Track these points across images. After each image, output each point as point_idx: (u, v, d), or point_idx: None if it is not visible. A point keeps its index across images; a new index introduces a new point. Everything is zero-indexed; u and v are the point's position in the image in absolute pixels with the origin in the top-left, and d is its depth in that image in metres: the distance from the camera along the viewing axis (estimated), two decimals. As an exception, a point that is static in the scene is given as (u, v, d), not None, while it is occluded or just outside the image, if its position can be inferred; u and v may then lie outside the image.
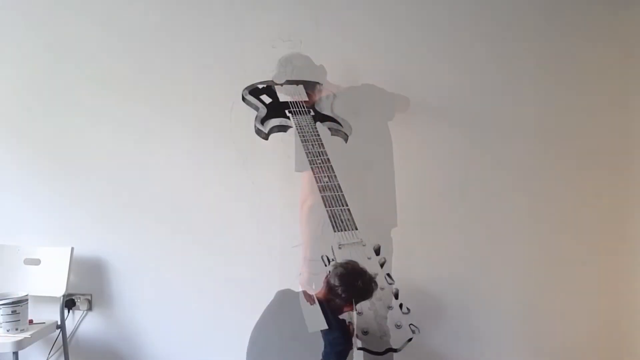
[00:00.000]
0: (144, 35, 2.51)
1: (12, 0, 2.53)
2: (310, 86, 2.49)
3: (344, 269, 2.13)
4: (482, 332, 2.46)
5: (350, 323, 2.23)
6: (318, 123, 2.48)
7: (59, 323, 2.40)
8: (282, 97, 2.49)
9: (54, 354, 2.45)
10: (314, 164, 2.46)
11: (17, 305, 2.22)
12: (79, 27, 2.52)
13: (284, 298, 2.17)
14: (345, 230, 2.44)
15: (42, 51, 2.53)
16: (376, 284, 2.21)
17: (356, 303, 2.18)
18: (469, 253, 2.47)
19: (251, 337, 2.09)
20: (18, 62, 2.54)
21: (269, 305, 2.15)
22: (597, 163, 2.48)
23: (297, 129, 2.48)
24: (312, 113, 2.49)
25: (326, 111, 2.49)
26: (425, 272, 2.46)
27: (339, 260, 2.19)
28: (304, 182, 2.30)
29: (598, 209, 2.48)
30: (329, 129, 2.48)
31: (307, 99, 2.48)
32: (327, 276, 2.15)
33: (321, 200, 2.27)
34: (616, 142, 2.48)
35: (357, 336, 2.24)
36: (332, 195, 2.46)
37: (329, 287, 2.13)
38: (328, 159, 2.47)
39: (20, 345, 2.15)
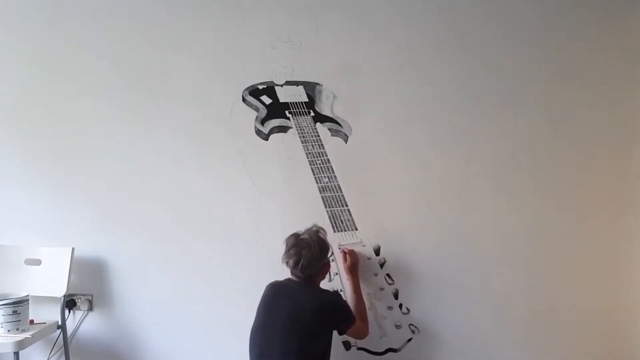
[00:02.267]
0: (145, 35, 2.51)
1: None
2: (310, 87, 2.50)
3: (292, 252, 2.12)
4: (483, 332, 2.46)
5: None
6: (318, 124, 2.49)
7: (60, 323, 2.40)
8: (282, 98, 2.50)
9: (54, 354, 2.45)
10: (314, 165, 2.47)
11: (18, 305, 2.22)
12: (80, 26, 2.52)
13: (269, 289, 2.18)
14: (345, 230, 2.45)
15: (43, 52, 2.53)
16: (323, 231, 2.21)
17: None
18: (471, 253, 2.46)
19: (250, 340, 2.08)
20: (19, 62, 2.55)
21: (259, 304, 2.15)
22: (601, 159, 2.47)
23: (297, 130, 2.49)
24: (312, 114, 2.49)
25: (326, 112, 2.50)
26: (427, 271, 2.46)
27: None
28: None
29: (601, 207, 2.47)
30: (328, 129, 2.49)
31: (307, 100, 2.49)
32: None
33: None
34: (617, 138, 2.48)
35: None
36: (332, 195, 2.47)
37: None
38: (328, 160, 2.48)
39: (21, 345, 2.15)
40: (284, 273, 2.23)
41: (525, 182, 2.47)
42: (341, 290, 2.41)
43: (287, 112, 2.50)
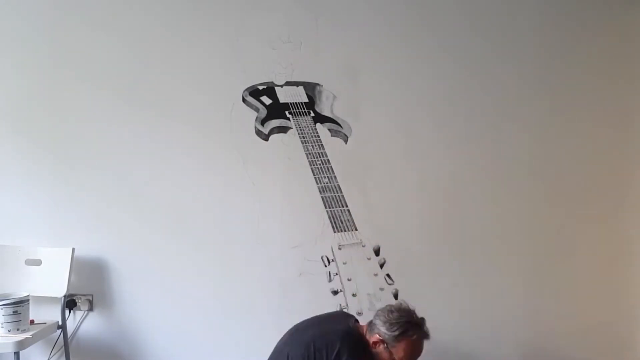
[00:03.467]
0: (145, 36, 2.51)
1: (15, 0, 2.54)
2: (310, 88, 2.50)
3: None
4: (483, 333, 2.47)
5: None
6: (318, 124, 2.49)
7: (60, 323, 2.40)
8: (282, 99, 2.50)
9: (55, 354, 2.46)
10: (314, 165, 2.47)
11: (19, 305, 2.22)
12: (80, 28, 2.51)
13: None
14: (345, 231, 2.46)
15: (44, 54, 2.53)
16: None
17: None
18: (471, 254, 2.47)
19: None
20: (21, 63, 2.54)
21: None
22: (599, 161, 2.48)
23: (297, 130, 2.49)
24: (312, 114, 2.50)
25: (326, 112, 2.50)
26: (426, 271, 2.46)
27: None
28: None
29: (599, 208, 2.48)
30: (328, 130, 2.49)
31: (307, 100, 2.49)
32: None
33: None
34: (616, 140, 2.48)
35: None
36: (332, 196, 2.47)
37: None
38: (328, 160, 2.48)
39: (21, 345, 2.15)
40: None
41: (527, 184, 2.47)
42: (341, 290, 2.40)
43: (287, 112, 2.50)
